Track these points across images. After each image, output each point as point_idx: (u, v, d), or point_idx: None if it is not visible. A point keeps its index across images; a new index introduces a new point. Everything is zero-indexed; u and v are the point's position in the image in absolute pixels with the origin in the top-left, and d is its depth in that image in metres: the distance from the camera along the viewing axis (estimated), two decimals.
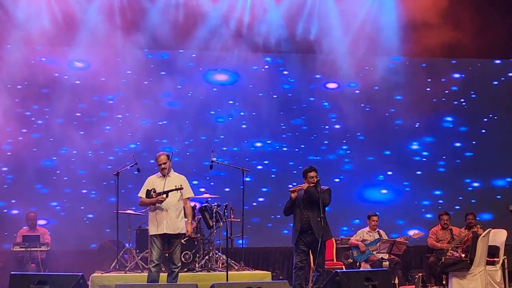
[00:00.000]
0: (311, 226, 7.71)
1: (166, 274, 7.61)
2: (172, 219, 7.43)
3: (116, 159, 10.59)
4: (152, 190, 7.46)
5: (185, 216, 7.66)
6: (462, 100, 12.24)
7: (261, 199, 11.37)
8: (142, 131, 10.95)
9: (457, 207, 11.65)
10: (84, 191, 10.82)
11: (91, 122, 11.03)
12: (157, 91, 11.21)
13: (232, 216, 9.35)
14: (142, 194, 7.57)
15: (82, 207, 10.76)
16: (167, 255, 7.62)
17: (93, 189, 10.84)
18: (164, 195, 7.37)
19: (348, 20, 11.38)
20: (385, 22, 11.39)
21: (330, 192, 7.90)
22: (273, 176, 11.54)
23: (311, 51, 11.51)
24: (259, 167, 11.49)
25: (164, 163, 7.53)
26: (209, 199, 9.46)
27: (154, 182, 7.57)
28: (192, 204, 8.93)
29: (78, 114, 11.00)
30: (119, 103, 11.11)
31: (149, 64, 11.29)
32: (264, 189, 11.44)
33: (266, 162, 11.56)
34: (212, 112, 11.51)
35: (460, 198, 11.92)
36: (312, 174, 7.87)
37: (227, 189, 10.78)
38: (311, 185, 7.79)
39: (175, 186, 7.42)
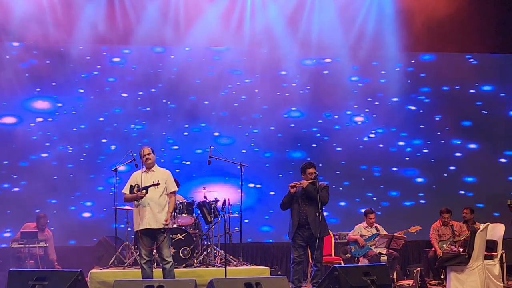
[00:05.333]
0: (309, 222, 7.72)
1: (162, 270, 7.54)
2: (154, 214, 7.32)
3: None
4: (136, 185, 7.37)
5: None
6: None
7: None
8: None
9: None
10: (82, 186, 10.80)
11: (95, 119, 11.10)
12: None
13: (230, 211, 9.34)
14: (126, 190, 7.49)
15: (80, 203, 10.75)
16: (155, 252, 7.59)
17: (91, 184, 10.83)
18: (144, 191, 7.26)
19: None
20: None
21: (328, 188, 7.92)
22: None
23: None
24: None
25: (149, 154, 7.45)
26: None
27: (137, 177, 7.47)
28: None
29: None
30: None
31: None
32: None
33: None
34: None
35: None
36: (311, 170, 7.88)
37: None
38: (310, 181, 7.79)
39: (153, 182, 7.34)
